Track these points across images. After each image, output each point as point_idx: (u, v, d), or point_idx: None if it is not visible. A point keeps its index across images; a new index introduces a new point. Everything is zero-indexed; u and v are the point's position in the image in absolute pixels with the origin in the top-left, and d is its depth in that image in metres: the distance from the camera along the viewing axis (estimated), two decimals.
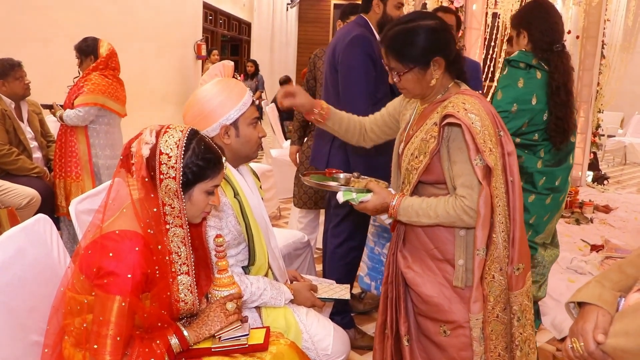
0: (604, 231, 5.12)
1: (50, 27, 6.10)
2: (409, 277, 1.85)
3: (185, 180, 1.48)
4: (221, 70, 1.98)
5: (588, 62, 6.88)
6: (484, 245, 1.68)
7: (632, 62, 9.62)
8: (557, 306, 3.25)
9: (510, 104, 2.52)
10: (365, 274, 3.47)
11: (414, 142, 1.81)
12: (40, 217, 1.74)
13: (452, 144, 1.69)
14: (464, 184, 1.68)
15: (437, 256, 1.80)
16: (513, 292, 1.77)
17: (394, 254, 1.94)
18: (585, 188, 7.14)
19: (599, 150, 8.43)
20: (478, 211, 1.65)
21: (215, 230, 1.80)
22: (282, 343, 1.70)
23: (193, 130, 1.53)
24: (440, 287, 1.79)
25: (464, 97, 1.71)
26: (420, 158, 1.75)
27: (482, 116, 1.65)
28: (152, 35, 8.33)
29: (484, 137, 1.62)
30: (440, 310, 1.79)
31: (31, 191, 3.61)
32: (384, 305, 1.99)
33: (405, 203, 1.77)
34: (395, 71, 1.78)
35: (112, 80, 3.96)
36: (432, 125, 1.75)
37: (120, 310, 1.38)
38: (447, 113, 1.65)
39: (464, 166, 1.67)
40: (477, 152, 1.62)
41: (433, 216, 1.72)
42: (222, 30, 12.63)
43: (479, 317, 1.72)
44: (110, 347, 1.37)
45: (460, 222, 1.70)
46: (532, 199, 2.64)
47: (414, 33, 1.72)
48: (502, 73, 2.67)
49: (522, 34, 2.65)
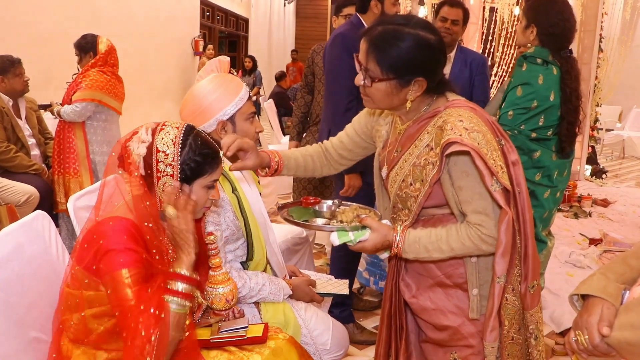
0: (602, 225, 5.12)
1: (48, 25, 6.09)
2: (416, 307, 1.69)
3: (183, 177, 1.47)
4: (217, 65, 1.98)
5: (586, 55, 6.87)
6: (505, 273, 1.53)
7: (630, 56, 9.63)
8: (556, 300, 3.25)
9: (531, 100, 2.51)
10: (364, 269, 3.47)
11: (403, 167, 1.60)
12: (39, 214, 1.74)
13: (454, 168, 1.49)
14: (476, 211, 1.50)
15: (447, 283, 1.64)
16: (529, 311, 1.62)
17: (396, 284, 1.75)
18: (584, 182, 7.14)
19: (597, 144, 8.42)
20: (499, 239, 1.49)
21: (214, 226, 1.80)
22: (281, 338, 1.70)
23: (189, 126, 1.53)
24: (453, 314, 1.63)
25: (458, 112, 1.50)
26: (417, 186, 1.56)
27: (483, 131, 1.47)
28: (150, 31, 8.33)
29: (492, 157, 1.44)
30: (454, 337, 1.64)
31: (29, 188, 3.61)
32: (387, 335, 1.82)
33: (410, 238, 1.55)
34: (368, 74, 1.52)
35: (110, 77, 3.95)
36: (425, 148, 1.55)
37: (134, 281, 1.36)
38: (451, 140, 1.42)
39: (473, 191, 1.49)
40: (491, 176, 1.44)
41: (447, 250, 1.53)
42: (220, 27, 12.61)
43: (494, 345, 1.58)
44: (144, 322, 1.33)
45: (478, 252, 1.53)
46: (547, 195, 2.64)
47: (406, 40, 1.47)
48: (520, 69, 2.63)
49: (530, 28, 2.62)
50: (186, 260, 1.43)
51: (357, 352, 2.91)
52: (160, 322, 1.35)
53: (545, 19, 2.55)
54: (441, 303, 1.65)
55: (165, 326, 1.36)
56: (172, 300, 1.39)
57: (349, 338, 2.19)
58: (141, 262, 1.39)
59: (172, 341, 1.39)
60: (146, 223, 1.46)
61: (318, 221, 1.75)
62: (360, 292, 3.56)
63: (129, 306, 1.34)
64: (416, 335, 1.80)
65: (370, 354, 2.84)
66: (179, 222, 1.43)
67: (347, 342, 2.15)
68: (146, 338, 1.32)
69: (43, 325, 1.59)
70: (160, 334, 1.34)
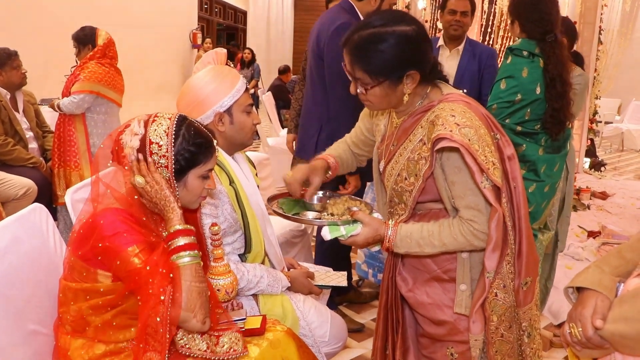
0: (601, 217, 5.12)
1: (45, 18, 6.07)
2: (413, 302, 1.69)
3: (178, 168, 1.47)
4: (214, 57, 1.97)
5: (585, 48, 6.84)
6: (494, 268, 1.53)
7: (630, 48, 9.59)
8: (554, 292, 3.26)
9: (514, 94, 2.49)
10: (362, 262, 3.48)
11: (399, 161, 1.61)
12: (36, 207, 1.74)
13: (446, 163, 1.50)
14: (469, 206, 1.50)
15: (443, 277, 1.64)
16: (522, 308, 1.61)
17: (392, 278, 1.76)
18: (583, 175, 7.14)
19: (596, 136, 8.42)
20: (490, 235, 1.49)
21: (211, 219, 1.79)
22: (279, 330, 1.70)
23: (181, 116, 1.52)
24: (449, 309, 1.63)
25: (451, 107, 1.49)
26: (411, 180, 1.57)
27: (476, 127, 1.45)
28: (148, 24, 8.31)
29: (484, 153, 1.43)
30: (450, 332, 1.64)
31: (27, 182, 3.61)
32: (384, 329, 1.83)
33: (402, 233, 1.56)
34: (360, 82, 1.54)
35: (109, 69, 3.94)
36: (419, 143, 1.55)
37: (142, 251, 1.36)
38: (440, 136, 1.43)
39: (465, 186, 1.49)
40: (481, 173, 1.44)
41: (438, 245, 1.53)
42: (218, 19, 12.57)
43: (478, 337, 1.58)
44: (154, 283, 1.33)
45: (470, 247, 1.54)
46: (533, 189, 2.62)
47: (385, 41, 1.47)
48: (505, 61, 2.63)
49: (515, 22, 2.62)
50: (174, 217, 1.44)
51: (355, 345, 2.92)
52: (170, 281, 1.36)
53: (523, 8, 2.55)
54: (438, 297, 1.65)
55: (176, 285, 1.36)
56: (180, 256, 1.40)
57: (347, 330, 2.19)
58: (144, 239, 1.40)
59: (202, 292, 1.39)
60: (144, 218, 1.46)
61: (309, 214, 1.74)
62: (359, 285, 3.57)
63: (138, 270, 1.35)
64: (414, 330, 1.80)
65: (369, 345, 2.85)
66: (151, 185, 1.44)
67: (346, 334, 2.15)
68: (157, 298, 1.33)
69: (41, 318, 1.59)
70: (173, 293, 1.35)
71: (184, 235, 1.42)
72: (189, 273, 1.39)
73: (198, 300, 1.38)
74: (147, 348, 1.36)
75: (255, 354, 1.57)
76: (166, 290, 1.34)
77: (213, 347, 1.48)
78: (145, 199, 1.47)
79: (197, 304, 1.37)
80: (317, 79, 2.83)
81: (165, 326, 1.34)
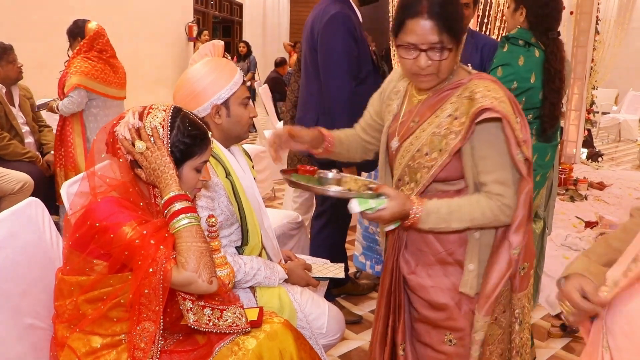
0: (598, 208, 5.13)
1: (40, 11, 6.04)
2: (414, 284, 1.68)
3: (173, 159, 1.46)
4: (211, 50, 1.96)
5: (582, 38, 6.84)
6: (520, 243, 1.54)
7: (627, 38, 9.57)
8: (552, 283, 3.25)
9: (511, 81, 2.48)
10: (360, 254, 3.48)
11: (420, 137, 1.58)
12: (32, 201, 1.73)
13: (477, 137, 1.50)
14: (497, 181, 1.50)
15: (447, 259, 1.63)
16: (517, 294, 1.63)
17: (396, 260, 1.73)
18: (580, 165, 7.15)
19: (593, 127, 8.43)
20: (517, 209, 1.52)
21: (208, 211, 1.79)
22: (276, 321, 1.70)
23: (176, 107, 1.51)
24: (450, 292, 1.62)
25: (485, 84, 1.52)
26: (434, 155, 1.55)
27: (507, 103, 1.50)
28: (143, 17, 8.27)
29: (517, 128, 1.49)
30: (450, 317, 1.63)
31: (24, 176, 3.60)
32: (386, 311, 1.79)
33: (429, 208, 1.52)
34: (443, 48, 1.49)
35: (97, 62, 3.79)
36: (447, 118, 1.54)
37: (139, 223, 1.36)
38: (485, 107, 1.44)
39: (496, 161, 1.51)
40: (517, 145, 1.47)
41: (467, 219, 1.52)
42: (213, 12, 12.52)
43: (487, 319, 1.58)
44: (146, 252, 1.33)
45: (496, 223, 1.54)
46: None
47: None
48: (501, 49, 2.62)
49: (520, 10, 2.60)
50: (172, 182, 1.43)
51: (353, 336, 2.92)
52: (161, 253, 1.34)
53: (534, 1, 2.53)
54: (439, 280, 1.64)
55: (176, 250, 1.37)
56: (179, 220, 1.39)
57: (345, 322, 2.19)
58: (140, 217, 1.39)
59: (204, 252, 1.38)
60: (141, 203, 1.46)
61: (333, 188, 1.61)
62: (357, 277, 3.57)
63: (130, 242, 1.34)
64: (409, 316, 1.79)
65: (367, 337, 2.85)
66: (152, 150, 1.43)
67: (343, 326, 2.15)
68: (146, 270, 1.33)
69: (38, 312, 1.59)
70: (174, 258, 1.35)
71: (180, 200, 1.41)
72: (189, 235, 1.38)
73: (201, 259, 1.36)
74: (141, 318, 1.37)
75: (252, 345, 1.57)
76: (158, 262, 1.32)
77: (216, 321, 1.49)
78: (144, 168, 1.45)
79: (199, 263, 1.36)
80: (311, 70, 2.82)
81: (157, 296, 1.34)
